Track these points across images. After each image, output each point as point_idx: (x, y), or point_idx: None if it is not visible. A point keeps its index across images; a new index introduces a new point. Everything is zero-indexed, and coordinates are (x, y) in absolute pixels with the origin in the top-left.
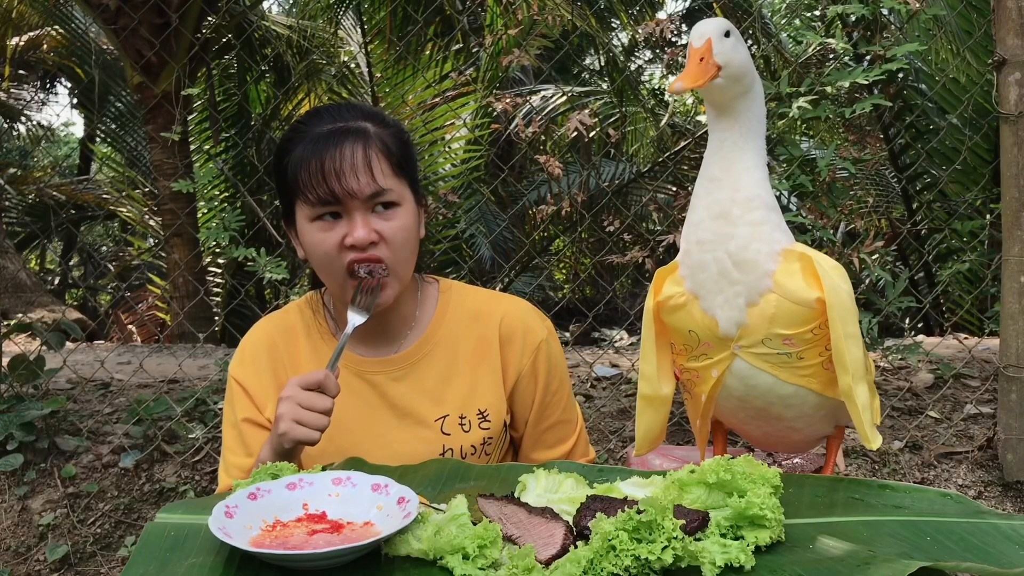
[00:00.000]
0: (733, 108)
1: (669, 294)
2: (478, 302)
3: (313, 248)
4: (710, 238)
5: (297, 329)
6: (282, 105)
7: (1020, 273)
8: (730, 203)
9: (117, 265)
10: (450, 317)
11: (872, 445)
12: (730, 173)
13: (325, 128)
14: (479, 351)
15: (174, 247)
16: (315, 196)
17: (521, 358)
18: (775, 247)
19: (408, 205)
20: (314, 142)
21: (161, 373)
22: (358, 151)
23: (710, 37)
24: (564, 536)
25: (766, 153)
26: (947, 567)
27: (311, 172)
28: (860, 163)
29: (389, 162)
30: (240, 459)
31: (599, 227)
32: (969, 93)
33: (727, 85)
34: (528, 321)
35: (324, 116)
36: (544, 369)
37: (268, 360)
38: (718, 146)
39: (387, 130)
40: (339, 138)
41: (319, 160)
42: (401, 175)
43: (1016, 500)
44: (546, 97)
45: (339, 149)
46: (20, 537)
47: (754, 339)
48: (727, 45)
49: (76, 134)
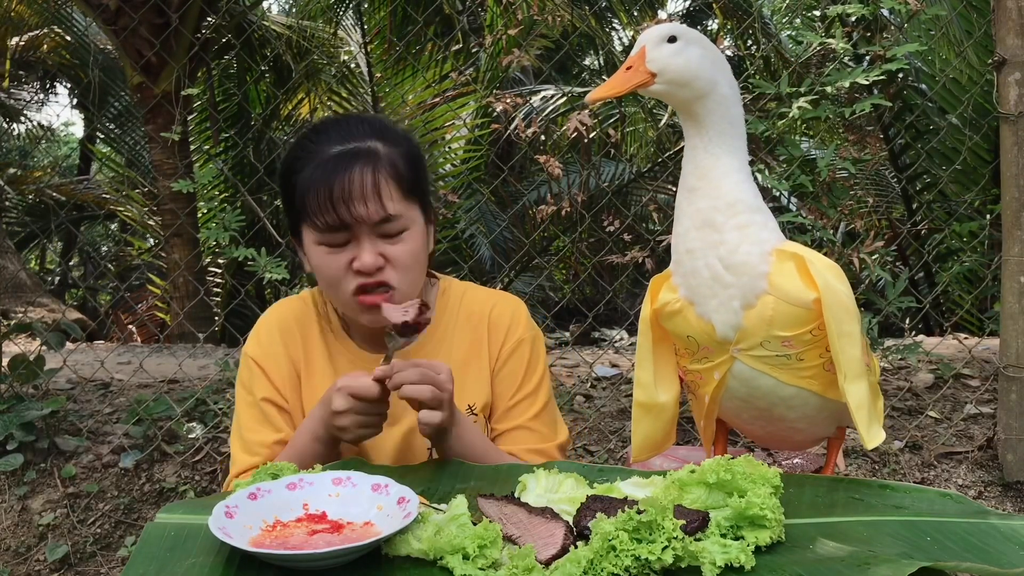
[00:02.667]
0: (694, 113)
1: (665, 300)
2: (473, 301)
3: (319, 270)
4: (699, 246)
5: (311, 319)
6: (282, 105)
7: (1020, 273)
8: (712, 211)
9: (117, 265)
10: (448, 319)
11: (868, 445)
12: (707, 181)
13: (334, 149)
14: (471, 352)
15: (174, 247)
16: (323, 223)
17: (500, 350)
18: (764, 247)
19: (416, 227)
20: (322, 167)
21: (161, 373)
22: (367, 176)
23: (644, 45)
24: (564, 536)
25: (747, 153)
26: (947, 567)
27: (320, 199)
28: (860, 163)
29: (399, 186)
30: (265, 436)
31: (599, 227)
32: (969, 93)
33: (671, 91)
34: (515, 318)
35: (332, 134)
36: (516, 368)
37: (282, 344)
38: (691, 155)
39: (397, 149)
40: (348, 162)
41: (327, 186)
42: (410, 197)
43: (1016, 500)
44: (546, 97)
45: (348, 175)
46: (20, 537)
47: (752, 342)
48: (666, 51)
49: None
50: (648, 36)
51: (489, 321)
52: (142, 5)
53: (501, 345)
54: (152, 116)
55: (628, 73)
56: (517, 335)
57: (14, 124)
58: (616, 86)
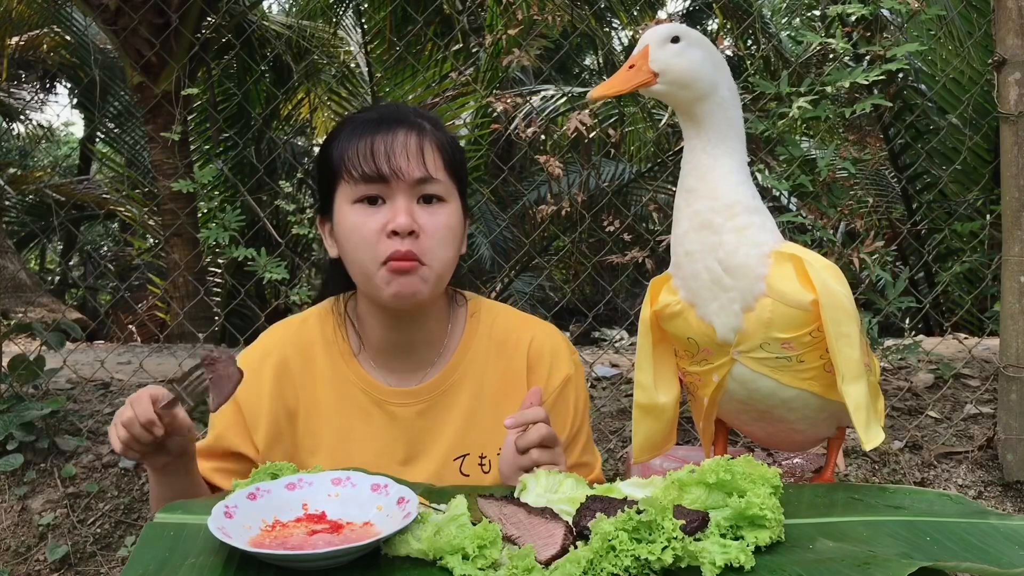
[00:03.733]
0: (694, 114)
1: (665, 303)
2: (507, 329)
3: (350, 234)
4: (697, 248)
5: (315, 345)
6: (282, 105)
7: (1020, 273)
8: (711, 212)
9: (117, 265)
10: (477, 345)
11: (867, 446)
12: (706, 182)
13: (379, 116)
14: (506, 385)
15: (174, 247)
16: (359, 172)
17: (545, 391)
18: (763, 249)
19: (454, 204)
20: (364, 126)
21: (161, 373)
22: (411, 137)
23: (647, 44)
24: (564, 536)
25: (745, 155)
26: (947, 567)
27: (359, 151)
28: (860, 163)
29: (442, 157)
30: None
31: (599, 227)
32: (969, 93)
33: (672, 91)
34: (556, 352)
35: (379, 110)
36: (564, 409)
37: (274, 383)
38: (690, 155)
39: (442, 133)
40: (392, 124)
41: (369, 140)
42: (452, 175)
43: (1016, 500)
44: (546, 97)
45: (392, 132)
46: (20, 537)
47: (752, 344)
48: (669, 52)
49: (76, 134)
50: (652, 36)
51: (529, 355)
52: (142, 5)
53: (545, 384)
54: (152, 116)
55: (631, 72)
56: (562, 373)
57: (14, 124)
58: (618, 84)
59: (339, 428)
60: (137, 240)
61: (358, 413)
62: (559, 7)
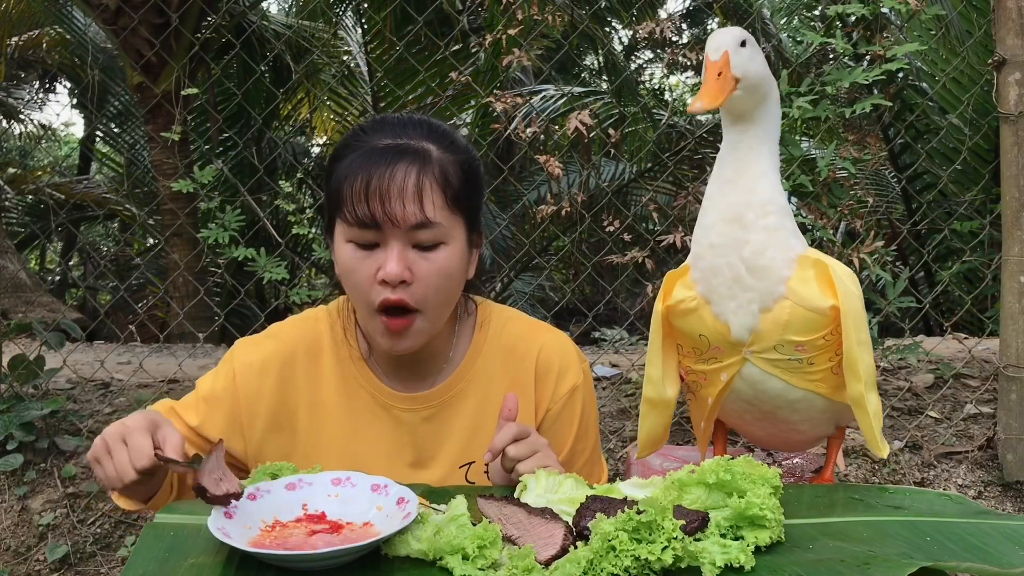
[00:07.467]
0: (751, 115)
1: (680, 298)
2: (516, 336)
3: (345, 274)
4: (724, 242)
5: (324, 345)
6: (282, 105)
7: (1020, 273)
8: (745, 207)
9: (117, 265)
10: (486, 352)
11: (882, 453)
12: (744, 176)
13: (383, 142)
14: (511, 389)
15: (174, 247)
16: (353, 216)
17: (552, 399)
18: (790, 254)
19: (455, 245)
20: (366, 156)
21: (161, 373)
22: (411, 175)
23: (727, 50)
24: (564, 536)
25: (779, 157)
26: (947, 567)
27: (355, 189)
28: (860, 163)
29: (444, 194)
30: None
31: (599, 227)
32: (969, 93)
33: (746, 96)
34: (565, 359)
35: (386, 129)
36: (568, 419)
37: (277, 379)
38: (732, 148)
39: (452, 155)
40: (393, 157)
41: (366, 178)
42: (456, 210)
43: (1016, 500)
44: (546, 97)
45: (390, 169)
46: (20, 537)
47: (766, 344)
48: (744, 56)
49: (76, 134)
50: (727, 41)
51: (537, 365)
52: (142, 5)
53: (552, 393)
54: (152, 116)
55: (722, 81)
56: (570, 382)
57: (14, 124)
58: (716, 95)
59: (346, 428)
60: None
61: (365, 415)
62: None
